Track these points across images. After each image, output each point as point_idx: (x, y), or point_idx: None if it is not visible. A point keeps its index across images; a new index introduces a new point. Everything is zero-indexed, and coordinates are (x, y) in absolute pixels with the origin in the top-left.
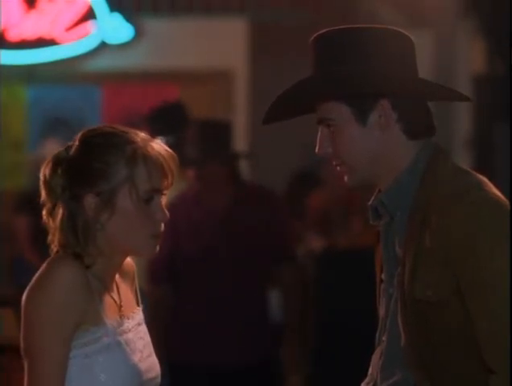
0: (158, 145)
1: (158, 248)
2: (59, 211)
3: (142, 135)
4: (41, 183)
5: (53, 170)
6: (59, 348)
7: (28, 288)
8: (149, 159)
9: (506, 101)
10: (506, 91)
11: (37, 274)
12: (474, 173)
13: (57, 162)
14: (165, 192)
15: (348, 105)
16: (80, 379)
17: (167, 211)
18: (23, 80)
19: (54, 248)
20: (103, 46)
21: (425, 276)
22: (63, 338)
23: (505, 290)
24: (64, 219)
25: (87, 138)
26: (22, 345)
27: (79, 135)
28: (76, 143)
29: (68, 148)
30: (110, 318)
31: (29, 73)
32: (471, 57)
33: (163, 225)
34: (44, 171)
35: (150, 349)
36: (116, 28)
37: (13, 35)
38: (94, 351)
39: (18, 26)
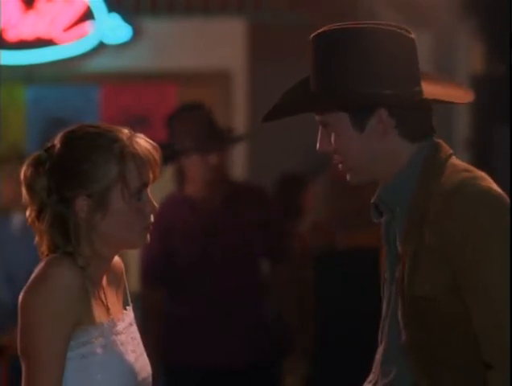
0: (143, 140)
1: (149, 237)
2: (47, 214)
3: (125, 131)
4: (23, 186)
5: (35, 173)
6: (58, 348)
7: (26, 287)
8: (137, 156)
9: (506, 102)
10: (506, 91)
11: (34, 274)
12: (474, 169)
13: (38, 163)
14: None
15: (346, 112)
16: (76, 379)
17: (155, 202)
18: (22, 81)
19: (44, 251)
20: (101, 46)
21: (424, 272)
22: (62, 338)
23: (503, 286)
24: (53, 221)
25: (70, 140)
26: (19, 345)
27: (59, 137)
28: (58, 145)
29: (49, 149)
30: (104, 318)
31: (28, 73)
32: (470, 57)
33: (152, 216)
34: (25, 173)
35: (141, 348)
36: (114, 28)
37: (11, 36)
38: (90, 351)
39: (17, 27)
